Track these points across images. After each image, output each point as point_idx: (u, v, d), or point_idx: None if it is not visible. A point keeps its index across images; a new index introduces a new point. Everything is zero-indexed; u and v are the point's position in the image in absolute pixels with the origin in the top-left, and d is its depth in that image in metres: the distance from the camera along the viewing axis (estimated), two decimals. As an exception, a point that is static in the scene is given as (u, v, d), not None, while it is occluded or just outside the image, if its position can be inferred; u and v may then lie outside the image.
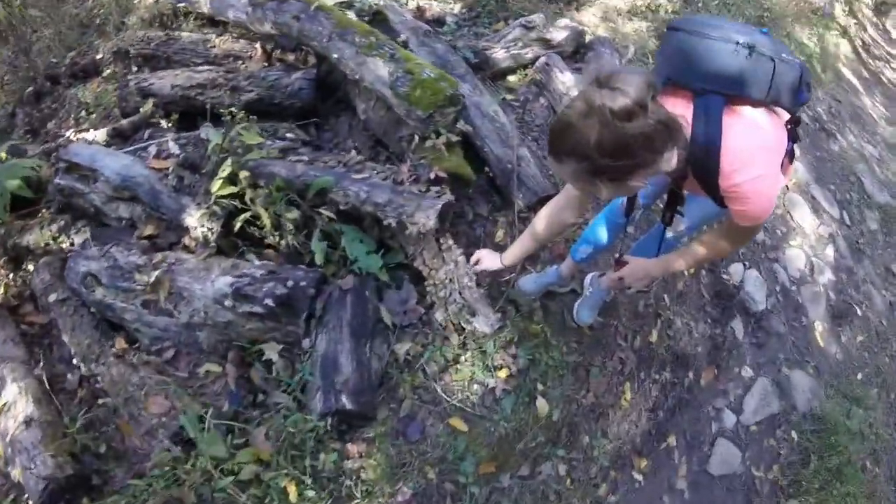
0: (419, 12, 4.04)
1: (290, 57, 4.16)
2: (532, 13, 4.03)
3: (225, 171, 3.06)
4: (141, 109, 3.90)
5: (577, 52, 4.06)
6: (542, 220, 2.47)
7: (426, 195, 2.74)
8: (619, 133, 1.58)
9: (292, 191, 2.96)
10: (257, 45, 4.06)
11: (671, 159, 1.76)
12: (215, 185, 3.05)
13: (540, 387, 3.06)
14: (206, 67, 3.85)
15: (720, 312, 4.08)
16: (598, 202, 3.65)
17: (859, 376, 4.52)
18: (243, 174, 3.06)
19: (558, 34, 3.94)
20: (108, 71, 4.67)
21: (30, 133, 4.59)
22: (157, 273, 3.04)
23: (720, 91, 1.78)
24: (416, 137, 2.93)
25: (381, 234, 2.93)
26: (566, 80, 3.75)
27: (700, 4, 4.76)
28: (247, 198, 3.06)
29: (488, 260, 2.72)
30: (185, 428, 2.71)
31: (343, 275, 2.93)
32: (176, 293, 3.02)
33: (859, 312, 4.76)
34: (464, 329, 2.94)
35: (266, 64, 3.98)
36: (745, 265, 4.25)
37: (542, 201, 3.35)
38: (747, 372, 4.05)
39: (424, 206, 2.66)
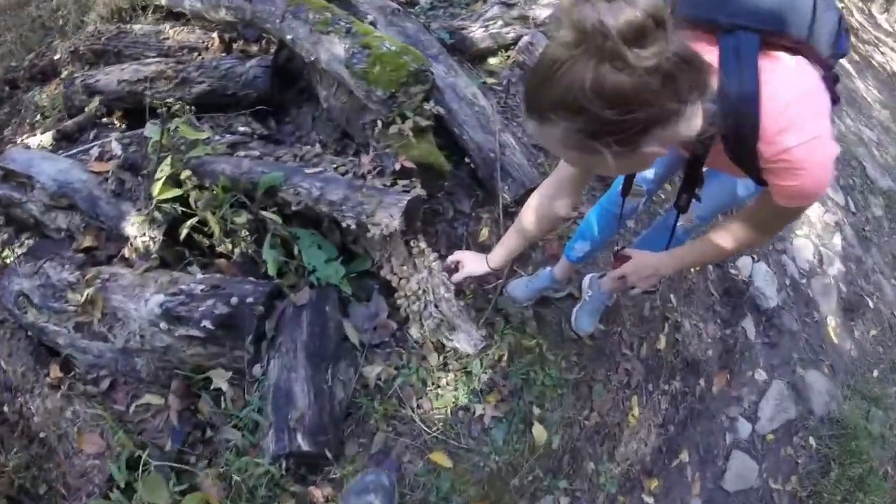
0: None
1: (254, 48, 3.54)
2: (513, -9, 3.40)
3: (164, 171, 2.43)
4: (86, 108, 3.27)
5: (563, 31, 3.42)
6: (529, 213, 1.88)
7: (390, 190, 2.11)
8: (626, 67, 0.98)
9: (238, 190, 2.33)
10: (214, 35, 3.43)
11: (694, 117, 1.18)
12: (156, 188, 2.42)
13: (536, 410, 2.43)
14: (154, 59, 3.21)
15: (730, 311, 3.45)
16: (595, 188, 3.03)
17: (875, 373, 3.91)
18: (185, 174, 2.43)
19: (541, 12, 3.30)
20: (66, 72, 4.05)
21: (-20, 139, 3.97)
22: (89, 291, 2.43)
23: (754, 27, 1.22)
24: (379, 123, 2.30)
25: (344, 239, 2.31)
26: (553, 61, 3.12)
27: None
28: (192, 201, 2.44)
29: (471, 263, 2.11)
30: (115, 476, 2.12)
31: (301, 286, 2.31)
32: (110, 314, 2.40)
33: (871, 304, 4.13)
34: (444, 346, 2.31)
35: (224, 55, 3.34)
36: (753, 258, 3.62)
37: (531, 193, 2.72)
38: (761, 375, 3.43)
39: (387, 203, 2.03)
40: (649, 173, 2.22)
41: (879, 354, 4.05)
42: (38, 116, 3.89)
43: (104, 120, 3.31)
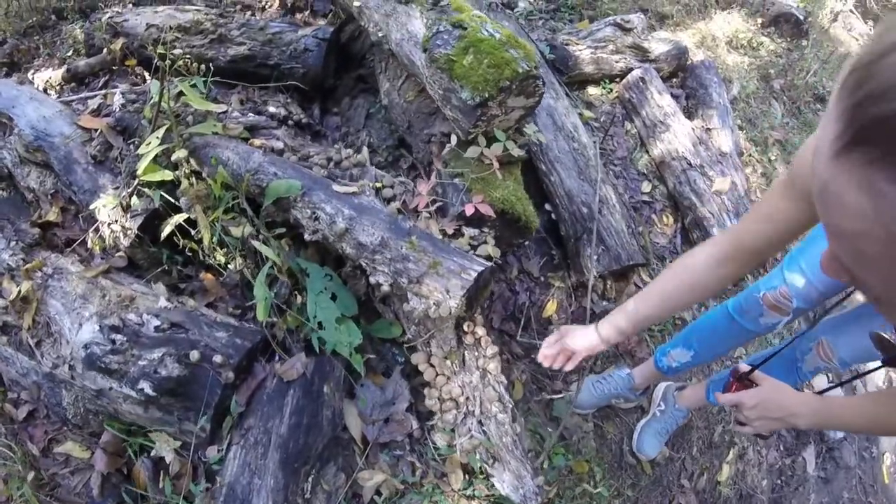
0: (485, -12, 2.44)
1: (320, 22, 2.59)
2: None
3: (152, 144, 1.49)
4: (105, 50, 2.34)
5: (674, 74, 2.44)
6: (684, 273, 1.07)
7: (452, 246, 1.15)
8: None
9: (241, 192, 1.40)
10: (276, -5, 2.49)
11: None
12: (141, 165, 1.48)
13: (578, 574, 1.48)
14: (193, 7, 2.27)
15: (795, 437, 2.47)
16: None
17: None
18: (180, 153, 1.49)
19: (658, 47, 2.33)
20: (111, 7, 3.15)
21: (6, 66, 3.06)
22: (26, 286, 1.50)
23: None
24: (453, 139, 1.35)
25: (369, 291, 1.35)
26: (664, 105, 2.15)
27: (805, 53, 3.15)
28: (180, 191, 1.51)
29: (580, 339, 1.17)
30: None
31: (295, 343, 1.37)
32: (43, 323, 1.48)
33: (928, 443, 3.13)
34: (474, 470, 1.37)
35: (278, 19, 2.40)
36: (828, 378, 2.63)
37: (623, 274, 1.75)
38: (811, 515, 2.46)
39: (446, 270, 1.08)
40: (808, 288, 1.30)
41: (927, 503, 3.06)
42: (71, 52, 2.99)
43: (126, 67, 2.39)
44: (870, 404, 0.99)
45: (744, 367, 1.11)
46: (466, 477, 1.41)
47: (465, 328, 1.18)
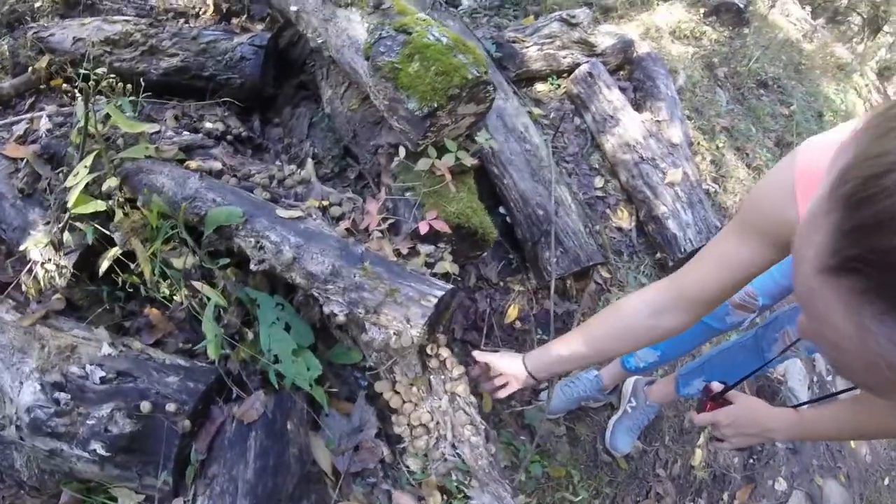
0: (426, -13, 2.36)
1: (257, 27, 2.46)
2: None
3: (81, 174, 1.36)
4: (31, 68, 2.16)
5: (621, 67, 2.43)
6: (615, 320, 1.03)
7: (409, 270, 1.08)
8: None
9: (178, 220, 1.29)
10: (209, 0, 2.35)
11: None
12: (72, 197, 1.35)
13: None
14: (122, 18, 2.11)
15: (760, 414, 2.53)
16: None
17: (886, 481, 3.07)
18: (111, 182, 1.37)
19: (604, 40, 2.31)
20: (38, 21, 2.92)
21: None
22: (-47, 338, 1.35)
23: None
24: (402, 151, 1.28)
25: (323, 315, 1.27)
26: (613, 99, 2.13)
27: (747, 41, 3.21)
28: (113, 224, 1.39)
29: (507, 366, 1.13)
30: None
31: (252, 376, 1.28)
32: (-25, 376, 1.34)
33: (883, 405, 3.28)
34: (451, 492, 1.32)
35: (212, 26, 2.26)
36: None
37: (583, 273, 1.73)
38: (781, 485, 2.52)
39: (405, 298, 1.01)
40: (773, 285, 1.31)
41: (892, 460, 3.24)
42: None
43: (52, 89, 2.20)
44: (844, 413, 1.00)
45: (716, 385, 1.10)
46: (445, 498, 1.35)
47: (429, 351, 1.12)
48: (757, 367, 1.35)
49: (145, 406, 1.11)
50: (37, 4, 3.14)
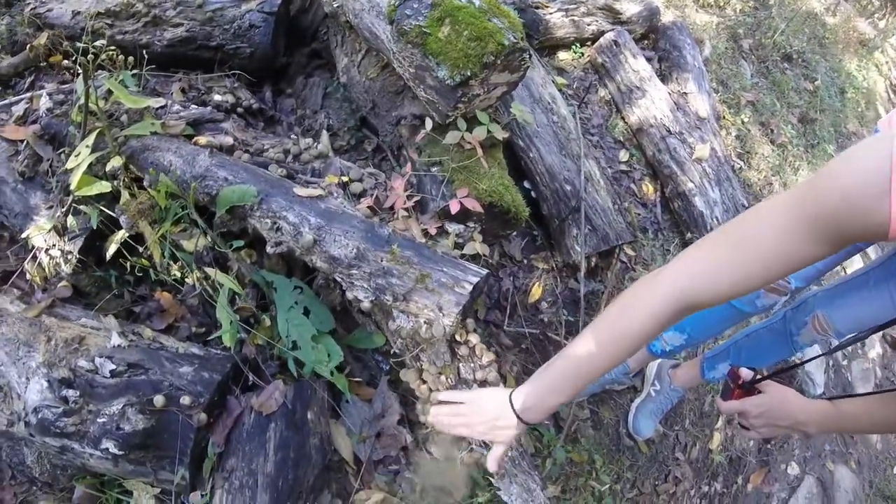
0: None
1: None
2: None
3: (82, 154, 1.25)
4: (29, 46, 2.02)
5: (646, 35, 2.29)
6: (629, 335, 0.75)
7: (440, 253, 0.99)
8: None
9: (187, 201, 1.19)
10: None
11: None
12: (74, 179, 1.25)
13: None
14: (122, -17, 1.97)
15: (775, 396, 2.48)
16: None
17: (895, 470, 3.04)
18: (115, 162, 1.27)
19: (630, 7, 2.16)
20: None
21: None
22: (-40, 333, 1.27)
23: None
24: (428, 123, 1.17)
25: (345, 300, 1.18)
26: (640, 69, 2.01)
27: (772, 12, 3.05)
28: (119, 205, 1.29)
29: (484, 422, 0.86)
30: None
31: (269, 363, 1.20)
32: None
33: (900, 391, 3.23)
34: (477, 482, 1.25)
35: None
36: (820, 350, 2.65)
37: (608, 251, 1.64)
38: (794, 469, 2.49)
39: (437, 281, 0.92)
40: (809, 268, 1.21)
41: (903, 449, 3.21)
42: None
43: (52, 66, 2.07)
44: (879, 408, 0.92)
45: (745, 372, 1.02)
46: (468, 487, 1.30)
47: (458, 338, 1.04)
48: (786, 355, 1.27)
49: (158, 400, 1.04)
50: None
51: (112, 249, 1.27)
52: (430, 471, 1.25)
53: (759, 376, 1.01)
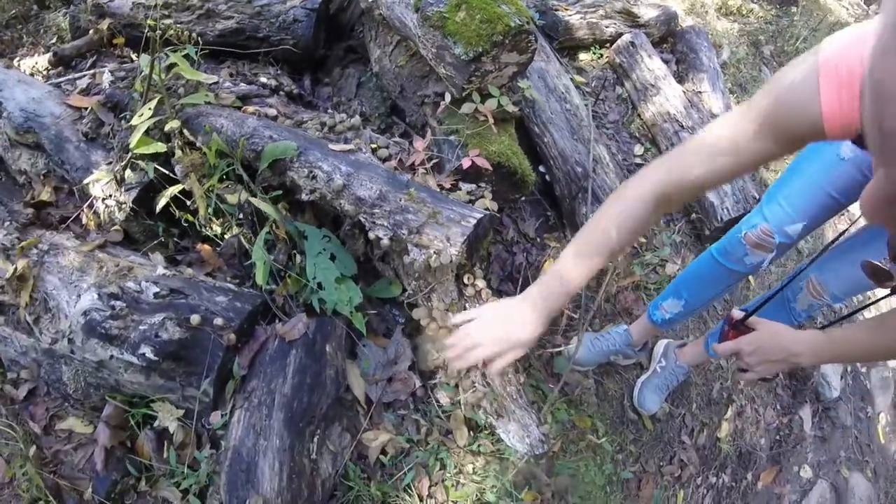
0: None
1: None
2: (614, -17, 2.41)
3: (145, 115, 1.48)
4: (91, 31, 2.32)
5: (664, 39, 2.45)
6: (630, 220, 0.88)
7: (450, 198, 1.16)
8: None
9: (236, 158, 1.39)
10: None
11: None
12: (134, 139, 1.48)
13: (581, 520, 1.51)
14: (181, -18, 2.25)
15: (791, 396, 2.51)
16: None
17: None
18: (173, 124, 1.49)
19: (648, 12, 2.33)
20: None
21: (-11, 57, 3.03)
22: (21, 264, 1.50)
23: None
24: (447, 97, 1.35)
25: (368, 250, 1.36)
26: (655, 68, 2.15)
27: (795, 20, 3.16)
28: (174, 162, 1.51)
29: (496, 318, 0.96)
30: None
31: (295, 307, 1.38)
32: (41, 300, 1.47)
33: (921, 402, 3.20)
34: (478, 425, 1.39)
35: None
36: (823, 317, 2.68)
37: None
38: (807, 472, 2.50)
39: (445, 219, 1.08)
40: (788, 221, 1.27)
41: (923, 461, 3.13)
42: (55, 40, 2.97)
43: (113, 48, 2.36)
44: (874, 331, 0.97)
45: (737, 313, 1.09)
46: (471, 433, 1.43)
47: (466, 280, 1.19)
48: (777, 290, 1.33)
49: (195, 318, 1.22)
50: (89, -25, 3.34)
51: (162, 202, 1.47)
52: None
53: (748, 314, 1.06)
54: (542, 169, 1.76)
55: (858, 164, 1.14)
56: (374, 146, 1.38)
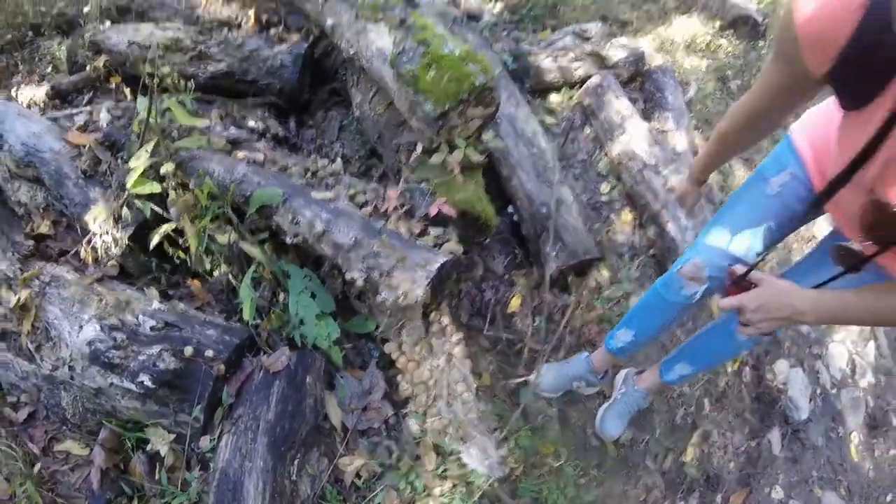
0: (451, 1, 2.62)
1: (293, 37, 2.75)
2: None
3: (142, 158, 1.65)
4: (88, 67, 2.49)
5: (633, 79, 2.65)
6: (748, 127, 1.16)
7: (418, 243, 1.32)
8: None
9: (226, 201, 1.55)
10: (250, 12, 2.65)
11: None
12: (130, 179, 1.64)
13: (544, 542, 1.65)
14: (173, 25, 2.42)
15: (759, 420, 2.66)
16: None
17: (889, 497, 3.13)
18: (168, 167, 1.65)
19: (616, 53, 2.53)
20: (90, 25, 3.29)
21: (-19, 85, 3.18)
22: (24, 294, 1.64)
23: None
24: (419, 147, 1.52)
25: (346, 288, 1.52)
26: (622, 109, 2.35)
27: (762, 52, 3.39)
28: (169, 203, 1.67)
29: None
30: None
31: (279, 340, 1.52)
32: (42, 328, 1.62)
33: (895, 422, 3.36)
34: (445, 451, 1.53)
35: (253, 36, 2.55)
36: (790, 363, 2.84)
37: (582, 270, 1.94)
38: (778, 493, 2.64)
39: (412, 263, 1.25)
40: (719, 257, 1.38)
41: (896, 477, 3.29)
42: (50, 69, 3.13)
43: (109, 84, 2.53)
44: (872, 298, 1.01)
45: (739, 268, 1.10)
46: (439, 458, 1.57)
47: (432, 318, 1.35)
48: (730, 353, 1.47)
49: (188, 350, 1.37)
50: (85, 9, 3.54)
51: (156, 240, 1.63)
52: None
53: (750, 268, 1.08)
54: (510, 209, 1.93)
55: (784, 199, 1.28)
56: (352, 192, 1.54)
